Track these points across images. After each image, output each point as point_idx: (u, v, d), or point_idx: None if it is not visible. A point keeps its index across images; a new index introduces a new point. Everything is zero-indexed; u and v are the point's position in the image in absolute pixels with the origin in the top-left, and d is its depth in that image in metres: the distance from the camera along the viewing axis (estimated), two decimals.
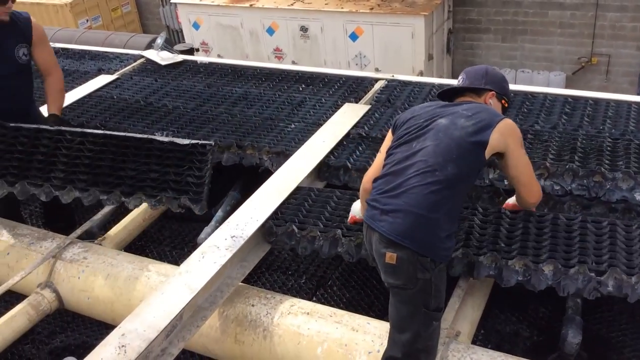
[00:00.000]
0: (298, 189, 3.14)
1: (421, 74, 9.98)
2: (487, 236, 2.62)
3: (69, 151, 3.24)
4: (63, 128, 3.38)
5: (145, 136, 3.27)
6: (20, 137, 3.33)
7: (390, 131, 2.54)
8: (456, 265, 2.55)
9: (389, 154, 2.42)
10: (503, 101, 2.59)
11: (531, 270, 2.42)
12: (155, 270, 2.94)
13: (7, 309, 2.96)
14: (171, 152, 3.15)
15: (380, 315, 2.82)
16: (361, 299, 3.11)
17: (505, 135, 2.31)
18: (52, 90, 3.63)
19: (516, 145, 2.35)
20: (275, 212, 2.95)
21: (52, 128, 3.37)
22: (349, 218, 2.78)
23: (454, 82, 4.34)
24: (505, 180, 3.03)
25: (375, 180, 2.40)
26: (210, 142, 3.17)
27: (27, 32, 3.50)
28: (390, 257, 2.15)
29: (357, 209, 2.71)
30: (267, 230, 2.90)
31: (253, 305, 2.66)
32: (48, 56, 3.65)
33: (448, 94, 2.61)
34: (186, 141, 3.18)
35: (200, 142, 3.16)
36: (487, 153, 2.29)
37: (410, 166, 2.25)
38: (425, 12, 9.90)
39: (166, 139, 3.23)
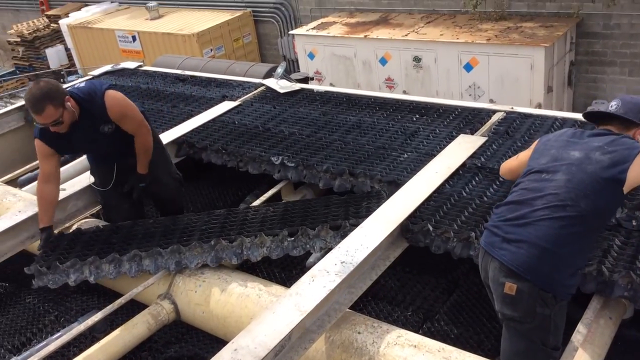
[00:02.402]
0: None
1: (539, 106, 9.62)
2: (626, 257, 2.58)
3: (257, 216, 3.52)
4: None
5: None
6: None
7: (533, 146, 2.55)
8: (589, 282, 2.52)
9: (516, 182, 2.37)
10: None
11: None
12: (266, 289, 3.03)
13: (129, 317, 3.15)
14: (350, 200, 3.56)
15: (490, 355, 2.70)
16: (470, 336, 3.01)
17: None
18: (138, 150, 3.74)
19: None
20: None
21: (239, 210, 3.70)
22: None
23: (576, 116, 4.16)
24: (633, 221, 2.84)
25: (498, 206, 2.37)
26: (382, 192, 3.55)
27: (104, 116, 3.54)
28: (510, 287, 2.09)
29: None
30: (403, 228, 3.09)
31: (359, 333, 2.66)
32: (131, 125, 3.66)
33: (595, 117, 2.50)
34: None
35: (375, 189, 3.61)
36: (627, 189, 2.17)
37: (540, 198, 2.19)
38: (546, 43, 9.58)
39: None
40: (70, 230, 3.74)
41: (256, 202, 3.92)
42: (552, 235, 2.10)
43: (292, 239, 3.21)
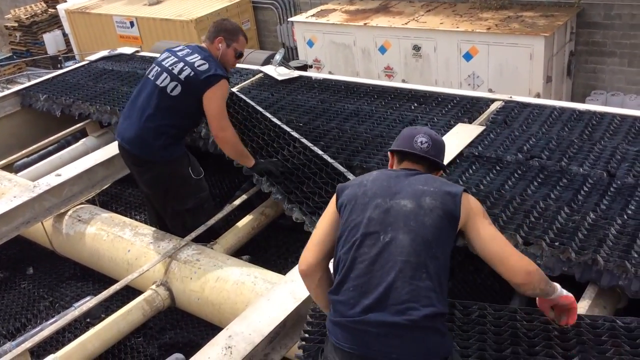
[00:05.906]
0: None
1: (538, 96, 9.61)
2: (621, 246, 2.63)
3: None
4: None
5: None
6: None
7: (333, 202, 2.13)
8: (584, 271, 2.55)
9: (341, 251, 2.01)
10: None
11: None
12: (262, 277, 3.02)
13: (124, 303, 3.16)
14: None
15: None
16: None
17: (467, 207, 2.05)
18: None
19: (479, 216, 2.08)
20: None
21: None
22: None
23: (575, 105, 4.15)
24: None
25: (337, 290, 1.97)
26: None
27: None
28: None
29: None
30: None
31: None
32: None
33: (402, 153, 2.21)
34: None
35: None
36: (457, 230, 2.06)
37: (390, 270, 1.91)
38: (546, 33, 9.54)
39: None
40: None
41: (252, 190, 3.90)
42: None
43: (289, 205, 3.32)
